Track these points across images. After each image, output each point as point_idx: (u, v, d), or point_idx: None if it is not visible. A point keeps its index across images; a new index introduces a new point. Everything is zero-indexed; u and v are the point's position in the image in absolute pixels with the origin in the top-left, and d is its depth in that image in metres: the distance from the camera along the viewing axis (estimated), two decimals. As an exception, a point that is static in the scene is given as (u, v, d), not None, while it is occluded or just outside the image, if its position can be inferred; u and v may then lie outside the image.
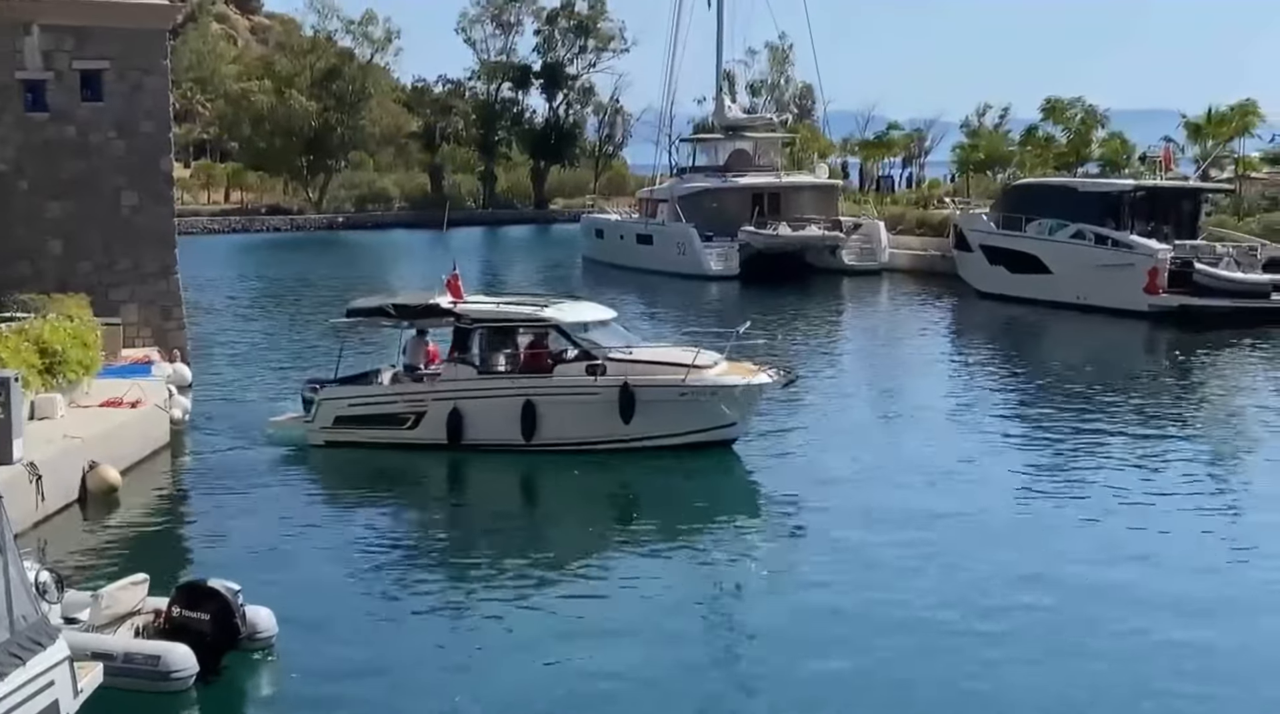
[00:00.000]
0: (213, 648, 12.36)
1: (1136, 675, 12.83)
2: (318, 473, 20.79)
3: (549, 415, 21.25)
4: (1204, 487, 20.26)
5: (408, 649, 13.42)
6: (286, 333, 38.31)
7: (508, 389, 21.43)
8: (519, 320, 22.32)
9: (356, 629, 13.95)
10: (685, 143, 68.60)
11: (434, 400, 21.58)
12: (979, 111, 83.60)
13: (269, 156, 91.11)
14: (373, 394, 22.16)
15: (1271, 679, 12.87)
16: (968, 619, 14.23)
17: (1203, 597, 15.07)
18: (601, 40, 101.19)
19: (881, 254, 55.34)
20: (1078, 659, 13.13)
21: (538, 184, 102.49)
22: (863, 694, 12.39)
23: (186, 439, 23.02)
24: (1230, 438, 24.68)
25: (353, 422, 21.86)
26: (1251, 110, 55.63)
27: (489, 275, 61.12)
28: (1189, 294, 39.21)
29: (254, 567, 15.31)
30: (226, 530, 17.76)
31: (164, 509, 19.26)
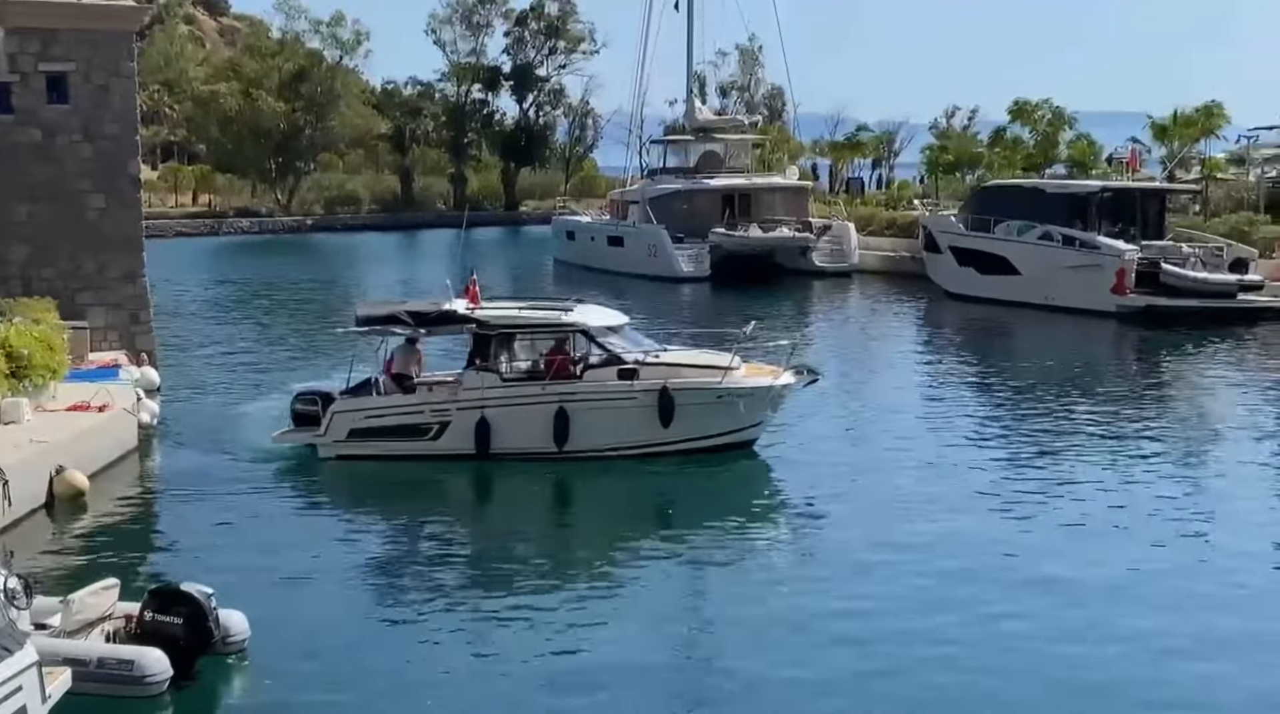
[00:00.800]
0: (186, 652, 12.29)
1: (1114, 670, 12.94)
2: (289, 477, 20.67)
3: (583, 422, 20.89)
4: (1171, 484, 20.45)
5: (381, 654, 13.38)
6: (256, 336, 38.13)
7: (539, 396, 20.97)
8: (543, 325, 21.82)
9: (330, 633, 13.91)
10: (656, 144, 68.66)
11: (459, 410, 20.89)
12: (948, 113, 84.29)
13: (237, 159, 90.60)
14: (392, 405, 21.22)
15: (1249, 672, 12.99)
16: (937, 620, 14.32)
17: (1168, 590, 15.22)
18: (571, 42, 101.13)
19: (851, 255, 55.52)
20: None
21: (508, 186, 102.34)
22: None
23: (155, 443, 22.88)
24: (1197, 435, 24.88)
25: (369, 434, 21.05)
26: (1217, 112, 56.16)
27: (459, 279, 61.04)
28: (1156, 294, 39.54)
29: (225, 570, 15.21)
30: (196, 534, 17.65)
31: (132, 514, 19.14)
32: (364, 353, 22.45)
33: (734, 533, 18.02)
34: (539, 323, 21.90)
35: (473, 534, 18.51)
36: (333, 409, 21.23)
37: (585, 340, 21.57)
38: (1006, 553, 16.84)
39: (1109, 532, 17.70)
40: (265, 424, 23.79)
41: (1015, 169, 62.92)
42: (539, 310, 22.56)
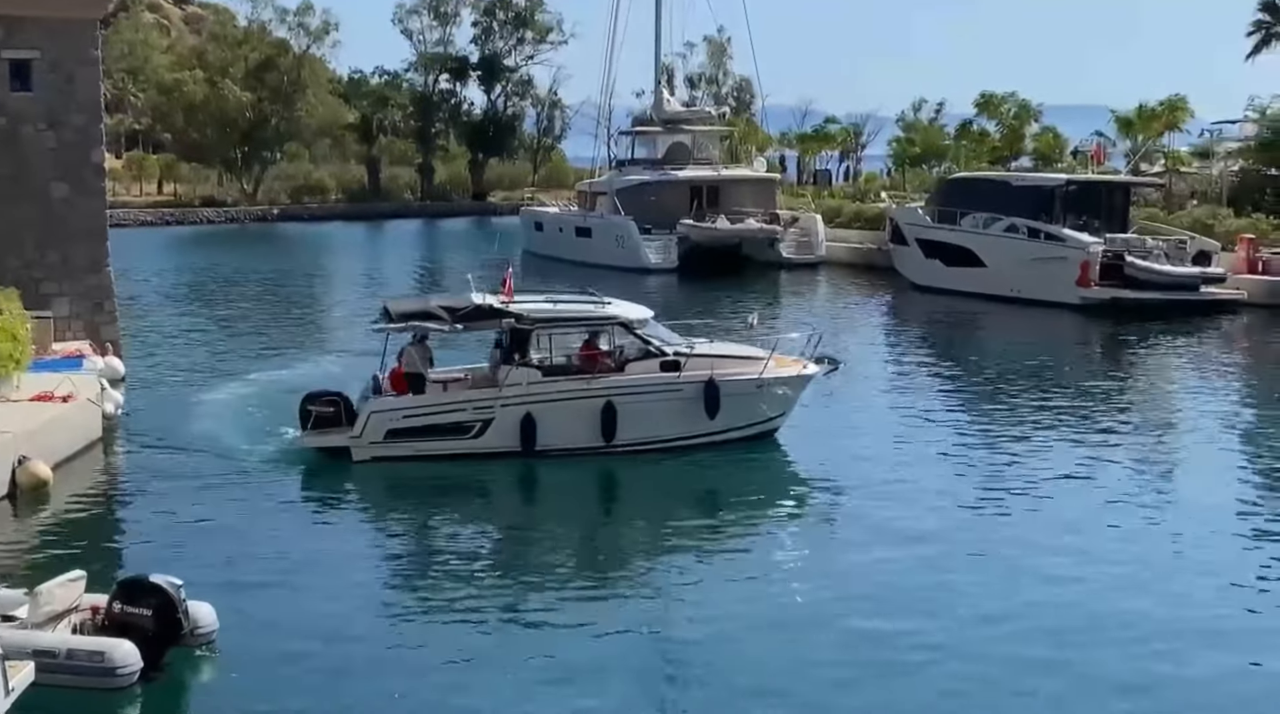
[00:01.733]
0: (155, 644, 12.23)
1: (1082, 667, 13.07)
2: (255, 468, 20.53)
3: (631, 415, 20.78)
4: (1134, 473, 20.67)
5: (352, 646, 13.36)
6: (221, 327, 37.93)
7: (586, 391, 20.78)
8: (583, 318, 21.68)
9: (299, 625, 13.89)
10: (624, 136, 68.59)
11: (503, 406, 20.52)
12: (915, 106, 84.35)
13: (202, 148, 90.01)
14: (432, 403, 20.70)
15: (1215, 668, 13.15)
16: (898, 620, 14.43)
17: (1133, 578, 15.40)
18: (539, 32, 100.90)
19: (819, 247, 55.69)
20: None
21: (476, 177, 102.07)
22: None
23: (119, 434, 22.74)
24: (1159, 425, 25.14)
25: (408, 434, 20.51)
26: (1180, 106, 56.68)
27: (426, 268, 60.92)
28: (1120, 287, 39.85)
29: (191, 561, 15.18)
30: (161, 526, 17.57)
31: (97, 504, 19.04)
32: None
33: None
34: (579, 316, 21.75)
35: (448, 527, 18.46)
36: (369, 409, 20.57)
37: (624, 333, 21.54)
38: (967, 544, 16.99)
39: (1066, 524, 17.83)
40: (230, 414, 23.77)
41: (981, 162, 63.24)
42: (573, 303, 22.44)
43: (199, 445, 21.68)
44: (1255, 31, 68.72)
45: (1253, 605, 14.75)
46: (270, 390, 26.41)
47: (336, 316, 41.96)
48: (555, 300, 22.64)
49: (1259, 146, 50.17)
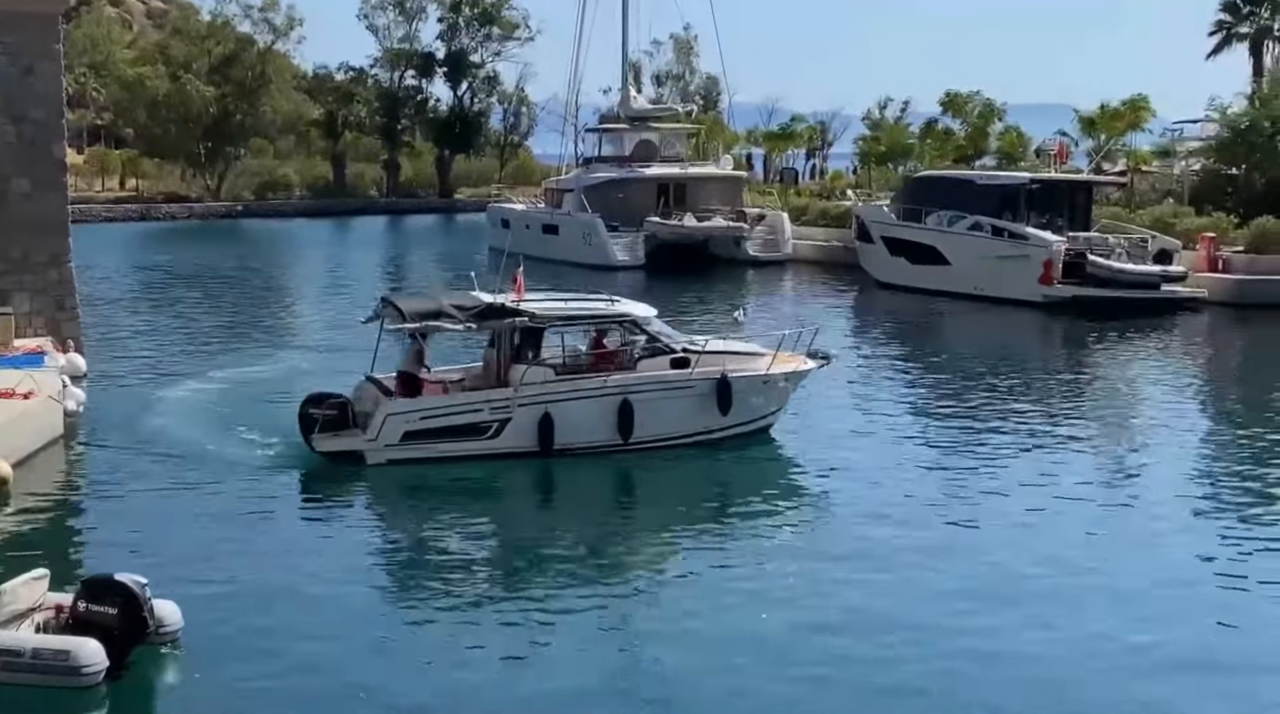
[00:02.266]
0: (120, 642, 12.15)
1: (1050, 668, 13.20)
2: (219, 465, 20.38)
3: (646, 412, 20.78)
4: (1095, 468, 20.92)
5: (317, 644, 13.33)
6: (184, 324, 37.68)
7: (603, 388, 20.71)
8: (595, 316, 21.70)
9: (264, 623, 13.84)
10: (591, 133, 68.56)
11: (520, 406, 20.29)
12: (880, 105, 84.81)
13: (166, 143, 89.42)
14: (450, 404, 20.40)
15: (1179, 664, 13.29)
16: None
17: (1090, 578, 15.55)
18: (505, 28, 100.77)
19: (785, 245, 55.86)
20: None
21: (442, 173, 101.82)
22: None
23: (81, 431, 22.56)
24: (1119, 422, 25.39)
25: (424, 435, 20.14)
26: (1142, 105, 57.16)
27: (393, 265, 60.73)
28: (1082, 285, 40.16)
29: (154, 559, 15.08)
30: (123, 523, 17.45)
31: (59, 503, 18.89)
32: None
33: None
34: (590, 314, 21.78)
35: (420, 524, 18.39)
36: (385, 411, 20.09)
37: (634, 330, 21.61)
38: (963, 542, 17.12)
39: (1026, 522, 17.97)
40: (193, 412, 23.64)
41: (946, 160, 63.60)
42: (583, 301, 22.41)
43: (161, 443, 21.53)
44: (1216, 31, 69.54)
45: (1230, 619, 14.84)
46: (233, 388, 26.28)
47: (301, 314, 41.80)
48: (565, 299, 22.59)
49: (1219, 146, 50.63)
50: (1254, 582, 15.47)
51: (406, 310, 20.76)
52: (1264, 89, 53.94)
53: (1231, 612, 14.56)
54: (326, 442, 20.24)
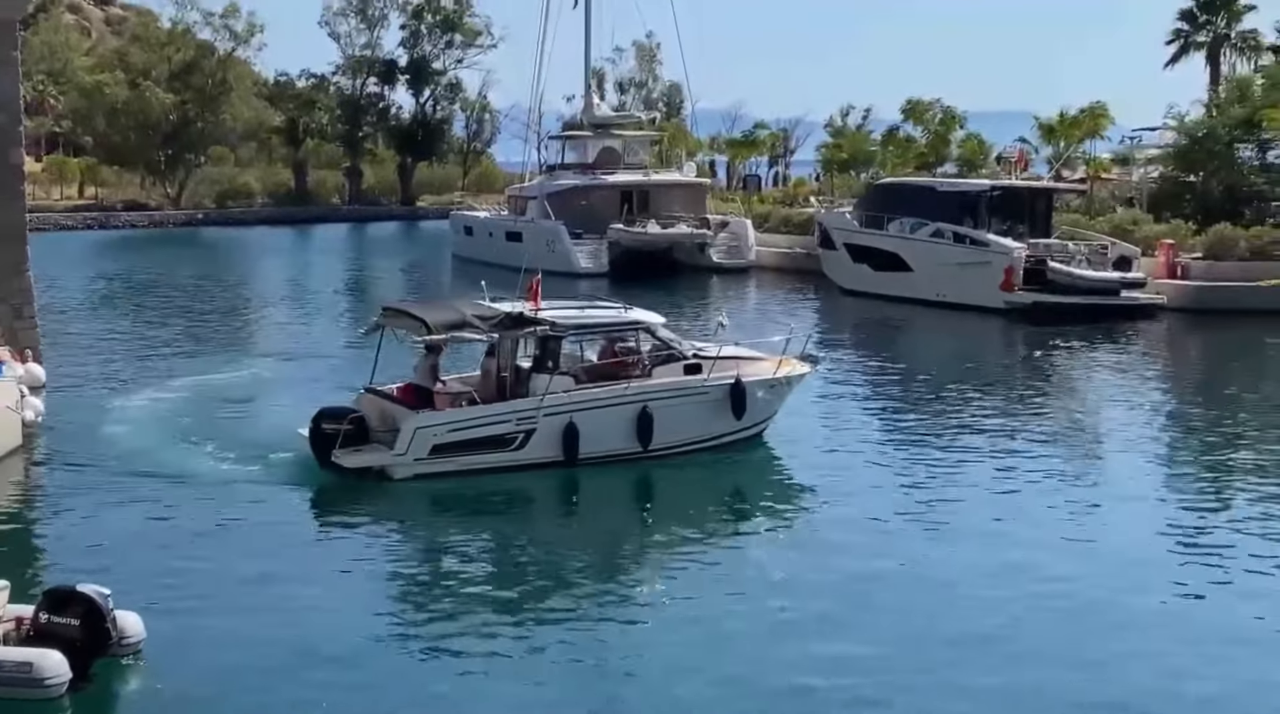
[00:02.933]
0: (83, 654, 12.05)
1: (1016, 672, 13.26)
2: (179, 475, 20.17)
3: (664, 419, 20.83)
4: (1057, 471, 21.00)
5: (280, 654, 13.25)
6: (144, 333, 37.36)
7: (623, 396, 20.68)
8: (612, 324, 21.71)
9: (226, 633, 13.75)
10: (554, 140, 68.53)
11: (545, 416, 20.11)
12: (842, 112, 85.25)
13: (125, 151, 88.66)
14: (478, 416, 20.06)
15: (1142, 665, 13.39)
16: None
17: (1055, 576, 15.66)
18: (468, 36, 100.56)
19: (749, 252, 56.00)
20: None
21: (405, 181, 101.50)
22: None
23: (40, 442, 22.32)
24: (1080, 426, 25.63)
25: (451, 448, 19.81)
26: (1102, 113, 57.55)
27: (355, 274, 60.48)
28: (1043, 291, 40.43)
29: (115, 570, 14.93)
30: (85, 534, 17.30)
31: (17, 514, 18.68)
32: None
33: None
34: (607, 322, 21.81)
35: (386, 536, 18.27)
36: (413, 425, 19.65)
37: (647, 337, 21.68)
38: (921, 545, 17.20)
39: (986, 528, 18.05)
40: (153, 422, 23.48)
41: (908, 167, 63.87)
42: (598, 309, 22.42)
43: (121, 453, 21.36)
44: (1174, 40, 70.23)
45: (1187, 611, 14.97)
46: (193, 398, 26.12)
47: (263, 323, 41.52)
48: (579, 307, 22.53)
49: (1177, 153, 51.12)
50: (1210, 582, 15.63)
51: (433, 322, 20.25)
52: (1221, 97, 54.51)
53: (1192, 610, 14.70)
54: (349, 457, 19.69)
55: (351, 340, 24.48)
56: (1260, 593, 15.40)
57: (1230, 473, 21.24)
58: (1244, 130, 48.59)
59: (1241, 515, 18.56)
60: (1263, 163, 49.76)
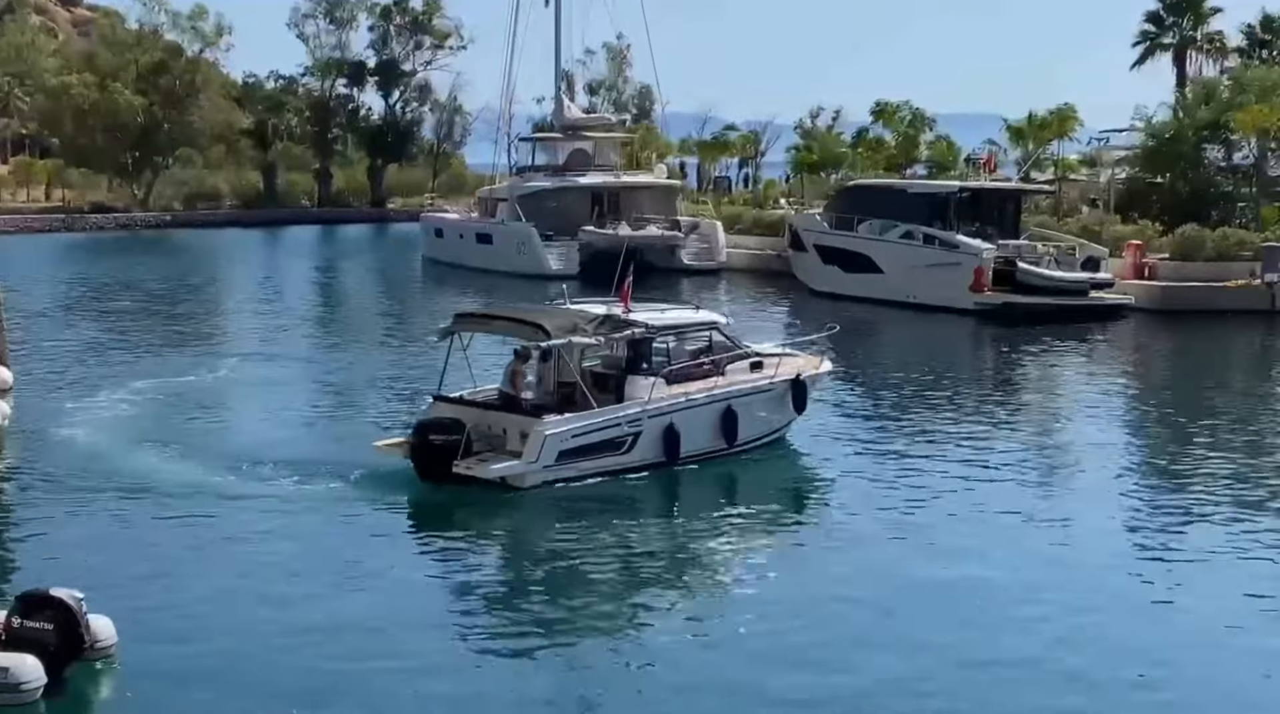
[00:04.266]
0: (57, 658, 11.98)
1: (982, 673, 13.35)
2: (147, 478, 20.03)
3: (744, 416, 21.30)
4: (1025, 471, 21.21)
5: (249, 661, 13.19)
6: (112, 336, 37.12)
7: (711, 396, 21.02)
8: (693, 325, 22.05)
9: (199, 637, 13.68)
10: (524, 142, 68.45)
11: (649, 418, 20.15)
12: (813, 114, 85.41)
13: (92, 153, 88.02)
14: (595, 421, 19.88)
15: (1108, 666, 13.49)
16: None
17: (1023, 581, 15.75)
18: (437, 37, 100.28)
19: (719, 254, 56.08)
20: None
21: (375, 183, 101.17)
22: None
23: (6, 445, 22.12)
24: (1049, 425, 25.85)
25: (573, 454, 19.60)
26: (1070, 115, 58.01)
27: (325, 275, 60.27)
28: (1012, 292, 40.68)
29: (85, 574, 14.77)
30: (54, 538, 17.14)
31: (-15, 518, 18.52)
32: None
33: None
34: (689, 323, 22.19)
35: (367, 537, 18.20)
36: (543, 432, 19.27)
37: (719, 336, 22.14)
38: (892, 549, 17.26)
39: (948, 526, 18.17)
40: (121, 425, 23.36)
41: (878, 169, 64.16)
42: (676, 310, 22.71)
43: (89, 457, 21.19)
44: (1141, 42, 70.81)
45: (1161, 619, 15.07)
46: (162, 400, 26.00)
47: (232, 326, 41.34)
48: (661, 308, 22.67)
49: (1144, 155, 51.55)
50: (1176, 581, 15.76)
51: (552, 326, 20.00)
52: (1187, 99, 55.00)
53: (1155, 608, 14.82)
54: (480, 468, 19.19)
55: (317, 344, 24.39)
56: (1226, 594, 15.50)
57: (1199, 473, 21.35)
58: (1210, 132, 49.10)
59: (1211, 516, 18.66)
60: (1228, 164, 50.34)
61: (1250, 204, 48.37)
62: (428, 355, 23.77)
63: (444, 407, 20.57)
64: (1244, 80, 50.71)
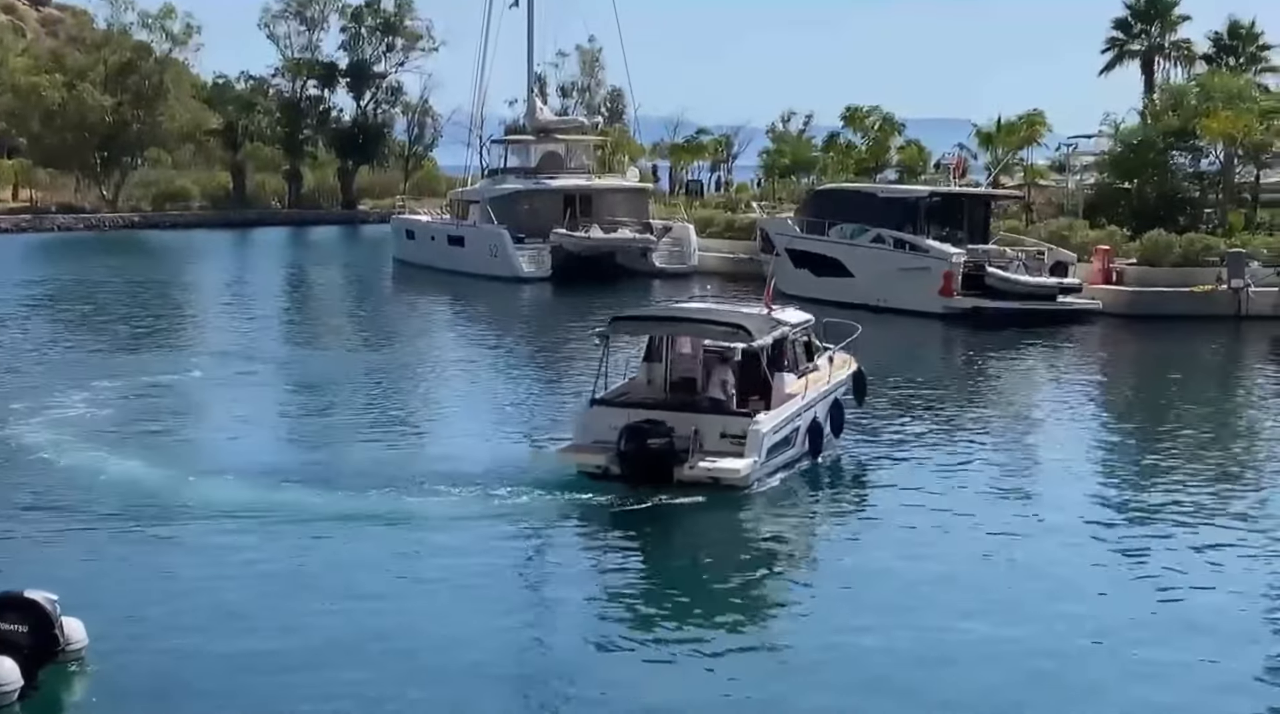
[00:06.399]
0: (31, 661, 11.92)
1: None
2: (114, 480, 19.89)
3: (840, 408, 22.36)
4: (991, 471, 21.41)
5: (215, 661, 13.17)
6: (81, 338, 36.94)
7: (829, 391, 21.93)
8: (800, 324, 22.32)
9: (170, 639, 13.64)
10: (496, 144, 68.40)
11: (804, 412, 20.69)
12: (784, 118, 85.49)
13: (60, 153, 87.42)
14: (787, 417, 20.15)
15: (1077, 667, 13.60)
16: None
17: (989, 584, 15.89)
18: (409, 39, 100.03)
19: (691, 257, 56.16)
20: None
21: (345, 184, 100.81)
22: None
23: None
24: (1014, 428, 26.01)
25: (771, 451, 19.72)
26: (1038, 121, 58.35)
27: (295, 278, 60.06)
28: (981, 296, 40.90)
29: (51, 576, 14.70)
30: (21, 540, 17.03)
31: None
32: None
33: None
34: (804, 321, 22.54)
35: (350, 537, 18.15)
36: (760, 431, 19.29)
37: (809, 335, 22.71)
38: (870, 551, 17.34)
39: (906, 530, 18.23)
40: (86, 427, 23.22)
41: (848, 173, 64.34)
42: (780, 311, 22.57)
43: (55, 458, 21.06)
44: (1109, 49, 71.28)
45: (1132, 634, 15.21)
46: (128, 401, 25.91)
47: (201, 328, 41.16)
48: (772, 308, 22.65)
49: (1113, 161, 51.91)
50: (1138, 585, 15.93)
51: (754, 328, 20.15)
52: (1155, 105, 55.43)
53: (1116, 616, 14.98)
54: (716, 470, 18.93)
55: (290, 348, 24.37)
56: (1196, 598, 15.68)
57: (1166, 475, 21.55)
58: (1178, 138, 49.45)
59: (1177, 516, 18.84)
60: (1195, 170, 50.71)
61: (1217, 210, 48.80)
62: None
63: (607, 411, 20.00)
64: (1211, 87, 51.12)
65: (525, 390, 29.66)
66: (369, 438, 23.56)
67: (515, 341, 38.93)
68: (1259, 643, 14.00)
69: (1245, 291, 40.20)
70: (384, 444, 23.14)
